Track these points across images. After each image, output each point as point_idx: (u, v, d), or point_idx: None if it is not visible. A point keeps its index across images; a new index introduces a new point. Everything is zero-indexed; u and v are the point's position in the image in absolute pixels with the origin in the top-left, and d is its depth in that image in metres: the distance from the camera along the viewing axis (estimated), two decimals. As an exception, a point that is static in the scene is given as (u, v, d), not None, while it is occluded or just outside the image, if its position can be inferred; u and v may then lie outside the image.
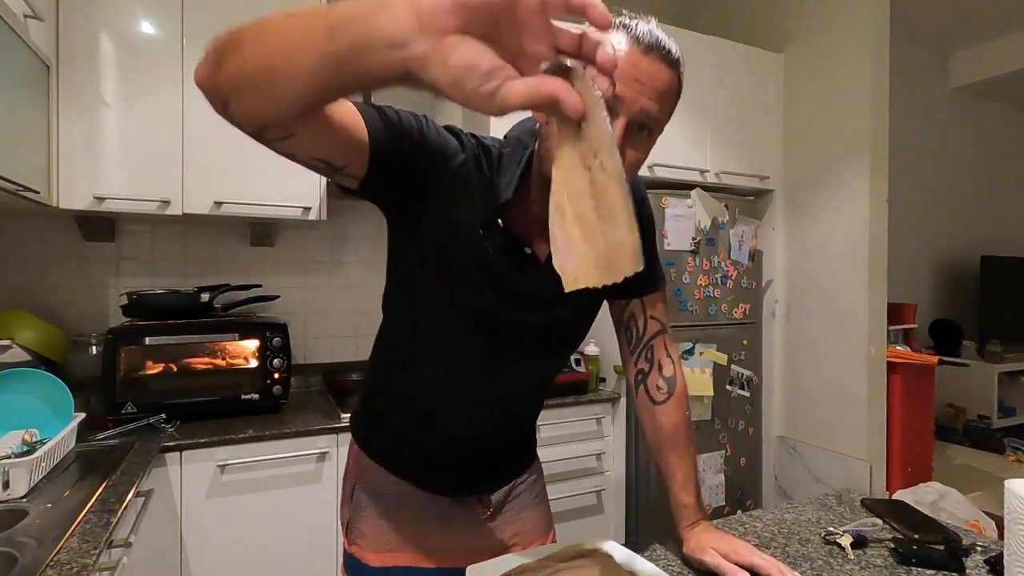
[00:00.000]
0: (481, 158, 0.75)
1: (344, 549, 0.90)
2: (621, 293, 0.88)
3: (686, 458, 0.86)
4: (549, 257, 0.77)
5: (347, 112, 0.60)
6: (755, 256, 2.44)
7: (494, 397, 0.82)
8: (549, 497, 1.03)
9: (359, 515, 0.87)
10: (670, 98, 0.68)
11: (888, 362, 2.26)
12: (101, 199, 1.65)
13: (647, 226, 0.88)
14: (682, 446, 0.87)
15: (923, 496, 2.12)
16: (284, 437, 1.63)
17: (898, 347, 2.40)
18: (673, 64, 0.66)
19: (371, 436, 0.90)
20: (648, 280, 0.87)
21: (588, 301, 0.83)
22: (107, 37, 1.66)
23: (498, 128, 1.49)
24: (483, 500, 0.89)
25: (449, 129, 0.74)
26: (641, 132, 0.67)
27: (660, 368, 0.89)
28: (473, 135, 0.77)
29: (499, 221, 0.73)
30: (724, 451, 2.37)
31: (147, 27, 1.71)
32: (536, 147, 0.73)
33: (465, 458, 0.87)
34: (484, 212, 0.73)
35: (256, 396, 1.78)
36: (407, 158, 0.67)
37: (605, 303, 0.91)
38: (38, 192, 1.44)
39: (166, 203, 1.73)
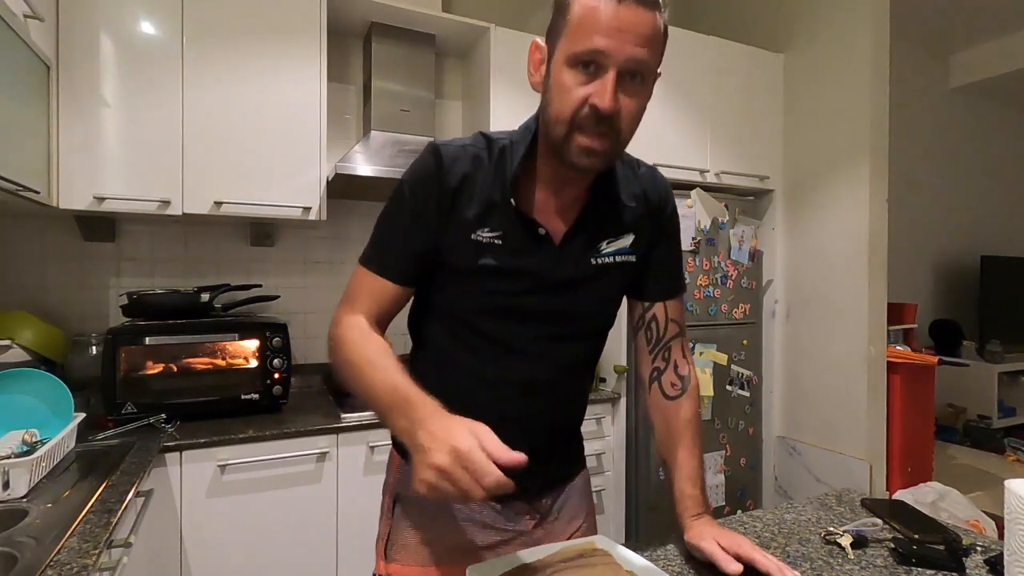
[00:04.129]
0: (485, 153, 0.79)
1: (377, 574, 0.87)
2: (645, 295, 0.90)
3: (695, 453, 0.87)
4: (564, 237, 0.80)
5: (388, 302, 0.82)
6: (755, 256, 2.45)
7: (532, 383, 0.83)
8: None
9: (400, 528, 0.86)
10: (656, 41, 0.68)
11: (888, 362, 2.26)
12: (101, 199, 1.65)
13: (672, 228, 0.90)
14: (691, 441, 0.88)
15: (923, 496, 2.12)
16: (284, 437, 1.63)
17: (898, 347, 2.40)
18: (651, 5, 0.66)
19: None
20: (673, 285, 0.91)
21: (607, 286, 0.85)
22: (107, 37, 1.66)
23: (497, 123, 1.63)
24: (533, 505, 0.87)
25: (439, 151, 0.78)
26: (634, 80, 0.68)
27: (676, 367, 0.91)
28: (484, 134, 0.81)
29: (512, 200, 0.76)
30: (724, 451, 2.37)
31: (147, 27, 1.71)
32: (538, 125, 0.78)
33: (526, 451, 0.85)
34: (495, 194, 0.77)
35: (256, 396, 1.78)
36: (428, 253, 0.80)
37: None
38: (38, 192, 1.44)
39: (166, 203, 1.73)
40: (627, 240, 0.84)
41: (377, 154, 1.98)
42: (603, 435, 2.15)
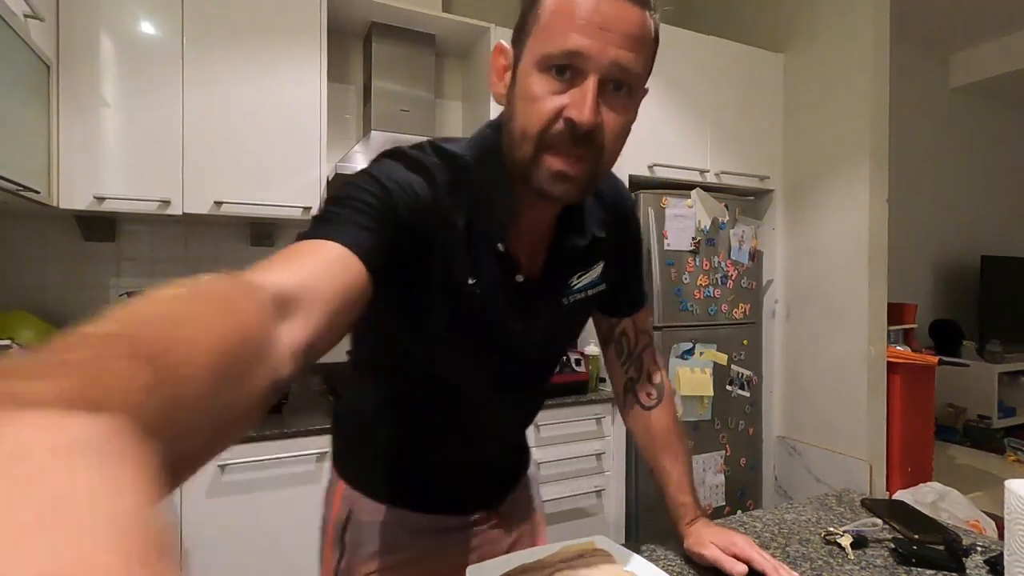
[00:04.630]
0: (448, 176, 0.63)
1: None
2: (612, 312, 0.87)
3: (680, 458, 0.87)
4: (537, 278, 0.70)
5: (336, 280, 0.48)
6: (755, 256, 2.45)
7: (492, 425, 0.80)
8: (550, 497, 1.02)
9: (357, 553, 0.79)
10: (645, 45, 0.57)
11: (888, 362, 2.26)
12: (101, 199, 1.65)
13: (635, 242, 0.84)
14: (675, 447, 0.87)
15: (923, 496, 2.12)
16: (284, 437, 1.63)
17: (898, 347, 2.40)
18: (640, 1, 0.55)
19: (367, 475, 0.82)
20: (639, 297, 0.88)
21: (578, 320, 0.81)
22: (107, 37, 1.66)
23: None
24: (492, 509, 0.86)
25: (416, 165, 0.62)
26: (618, 91, 0.57)
27: (649, 376, 0.90)
28: (437, 149, 0.65)
29: (499, 246, 0.65)
30: (724, 451, 2.37)
31: (147, 27, 1.71)
32: (503, 140, 0.64)
33: (473, 479, 0.83)
34: (482, 241, 0.64)
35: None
36: (398, 246, 0.57)
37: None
38: (38, 192, 1.44)
39: (166, 203, 1.73)
40: (597, 270, 0.76)
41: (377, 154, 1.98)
42: (603, 435, 2.15)
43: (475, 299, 0.65)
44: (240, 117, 1.80)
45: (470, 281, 0.64)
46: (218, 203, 1.77)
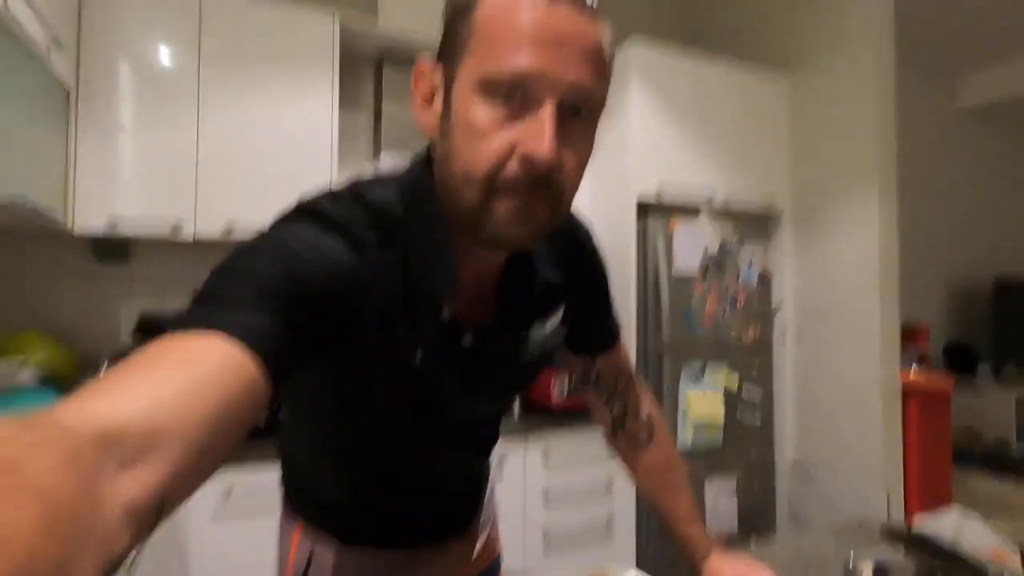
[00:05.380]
0: (387, 241, 0.53)
1: None
2: (583, 350, 0.78)
3: (682, 491, 0.83)
4: (485, 337, 0.60)
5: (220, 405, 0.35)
6: (764, 278, 2.43)
7: (450, 461, 0.73)
8: (558, 523, 0.99)
9: None
10: (602, 62, 0.48)
11: (903, 386, 2.23)
12: (115, 224, 1.67)
13: (598, 275, 0.75)
14: (674, 480, 0.83)
15: (943, 524, 2.06)
16: (291, 460, 1.62)
17: (912, 370, 2.37)
18: (591, 14, 0.47)
19: (321, 517, 0.77)
20: (612, 331, 0.79)
21: (536, 371, 0.72)
22: (126, 64, 1.70)
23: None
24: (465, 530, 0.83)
25: (333, 225, 0.50)
26: (576, 117, 0.48)
27: (636, 413, 0.83)
28: (360, 199, 0.54)
29: (444, 311, 0.56)
30: (735, 477, 2.33)
31: (165, 55, 1.75)
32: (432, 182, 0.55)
33: (437, 512, 0.78)
34: (421, 306, 0.55)
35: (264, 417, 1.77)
36: (313, 329, 0.46)
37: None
38: (55, 215, 1.47)
39: (179, 228, 1.75)
40: (557, 316, 0.67)
41: (387, 177, 2.00)
42: (613, 459, 2.11)
43: (419, 375, 0.56)
44: (253, 143, 1.83)
45: (417, 357, 0.55)
46: (230, 228, 1.79)
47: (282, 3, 1.88)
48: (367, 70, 2.37)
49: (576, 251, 0.70)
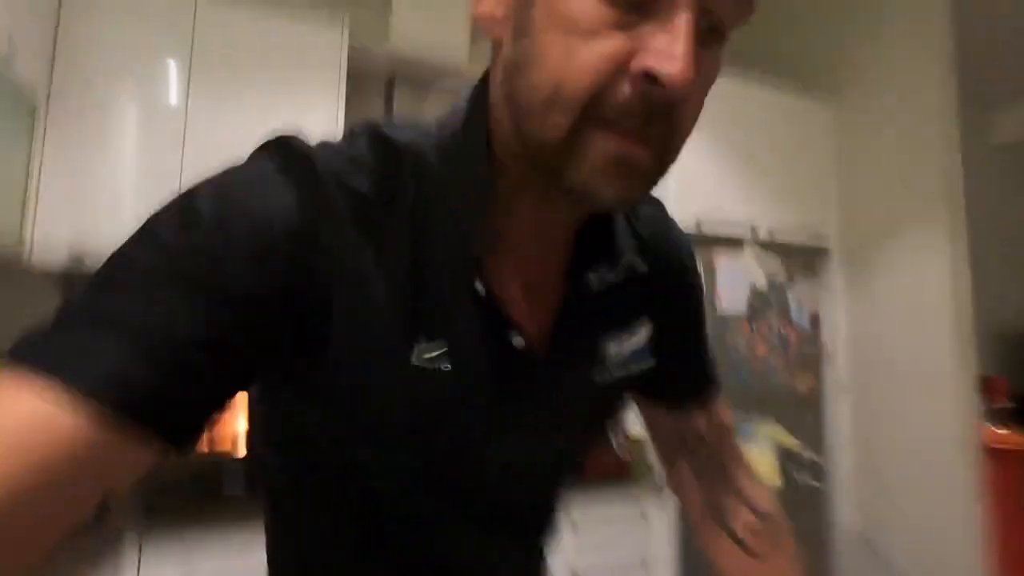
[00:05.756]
0: (397, 189, 0.38)
1: None
2: (671, 401, 0.55)
3: None
4: (548, 343, 0.42)
5: None
6: (816, 321, 2.17)
7: (485, 561, 0.49)
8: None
9: None
10: None
11: (985, 447, 1.93)
12: (80, 256, 1.45)
13: (694, 287, 0.56)
14: None
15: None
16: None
17: (992, 429, 2.07)
18: None
19: None
20: (708, 377, 0.57)
21: (610, 410, 0.53)
22: (105, 78, 1.53)
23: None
24: None
25: (304, 173, 0.38)
26: (711, 38, 0.34)
27: (750, 499, 0.56)
28: (375, 138, 0.40)
29: (477, 285, 0.38)
30: (791, 550, 2.02)
31: (153, 67, 1.58)
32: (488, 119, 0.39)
33: None
34: (442, 280, 0.38)
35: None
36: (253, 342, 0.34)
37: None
38: (8, 246, 1.26)
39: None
40: (643, 332, 0.48)
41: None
42: (649, 531, 1.82)
43: (432, 387, 0.38)
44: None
45: (427, 355, 0.37)
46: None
47: (282, 15, 1.72)
48: (376, 83, 2.22)
49: (667, 250, 0.50)
